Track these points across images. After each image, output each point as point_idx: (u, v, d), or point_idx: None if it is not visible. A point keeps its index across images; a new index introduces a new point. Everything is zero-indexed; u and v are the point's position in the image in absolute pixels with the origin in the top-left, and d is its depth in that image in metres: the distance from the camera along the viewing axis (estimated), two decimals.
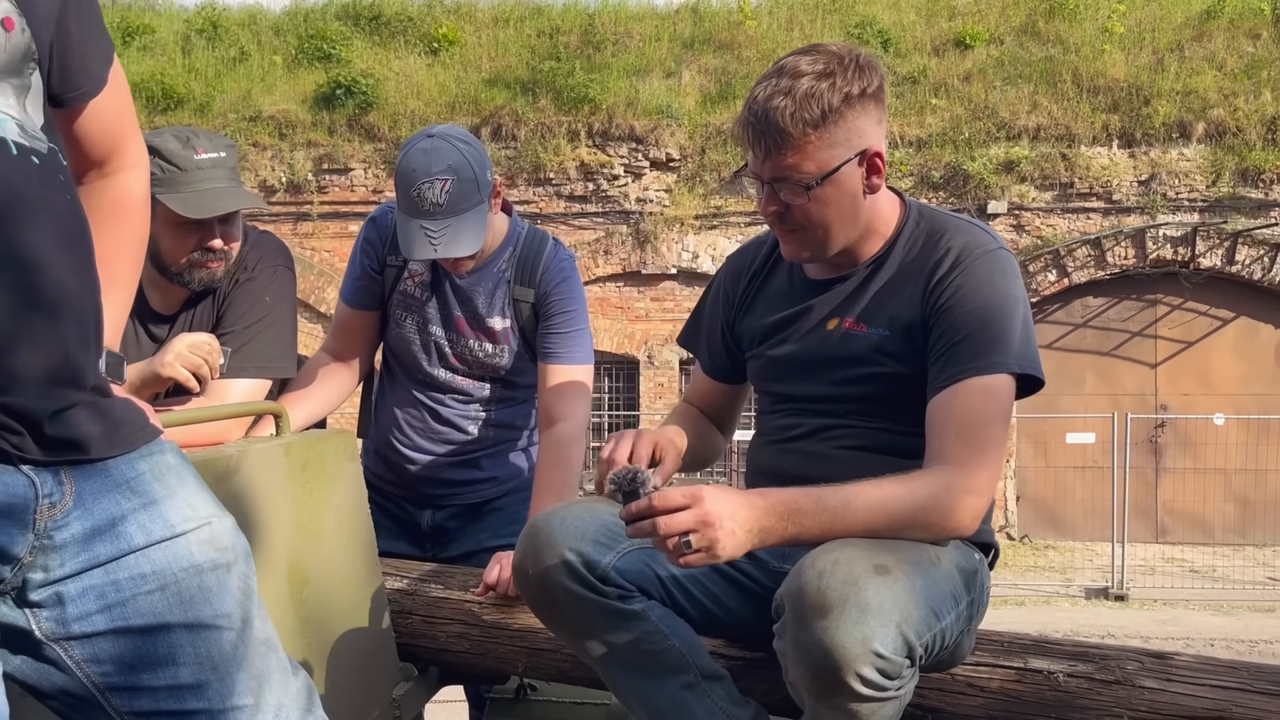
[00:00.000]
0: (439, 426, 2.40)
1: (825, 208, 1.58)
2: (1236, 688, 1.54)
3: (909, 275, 1.64)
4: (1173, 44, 12.94)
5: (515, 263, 2.33)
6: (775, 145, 1.54)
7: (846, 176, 1.58)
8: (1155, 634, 8.62)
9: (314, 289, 12.61)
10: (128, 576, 1.11)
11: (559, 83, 12.82)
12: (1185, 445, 12.33)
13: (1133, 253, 12.13)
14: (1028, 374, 1.56)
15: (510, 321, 2.34)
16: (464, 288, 2.32)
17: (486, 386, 2.40)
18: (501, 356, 2.35)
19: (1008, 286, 1.58)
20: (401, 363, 2.43)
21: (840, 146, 1.55)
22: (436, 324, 2.36)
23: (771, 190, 1.58)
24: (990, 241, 1.62)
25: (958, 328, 1.55)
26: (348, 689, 1.86)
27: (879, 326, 1.64)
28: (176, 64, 13.72)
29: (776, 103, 1.52)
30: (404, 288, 2.36)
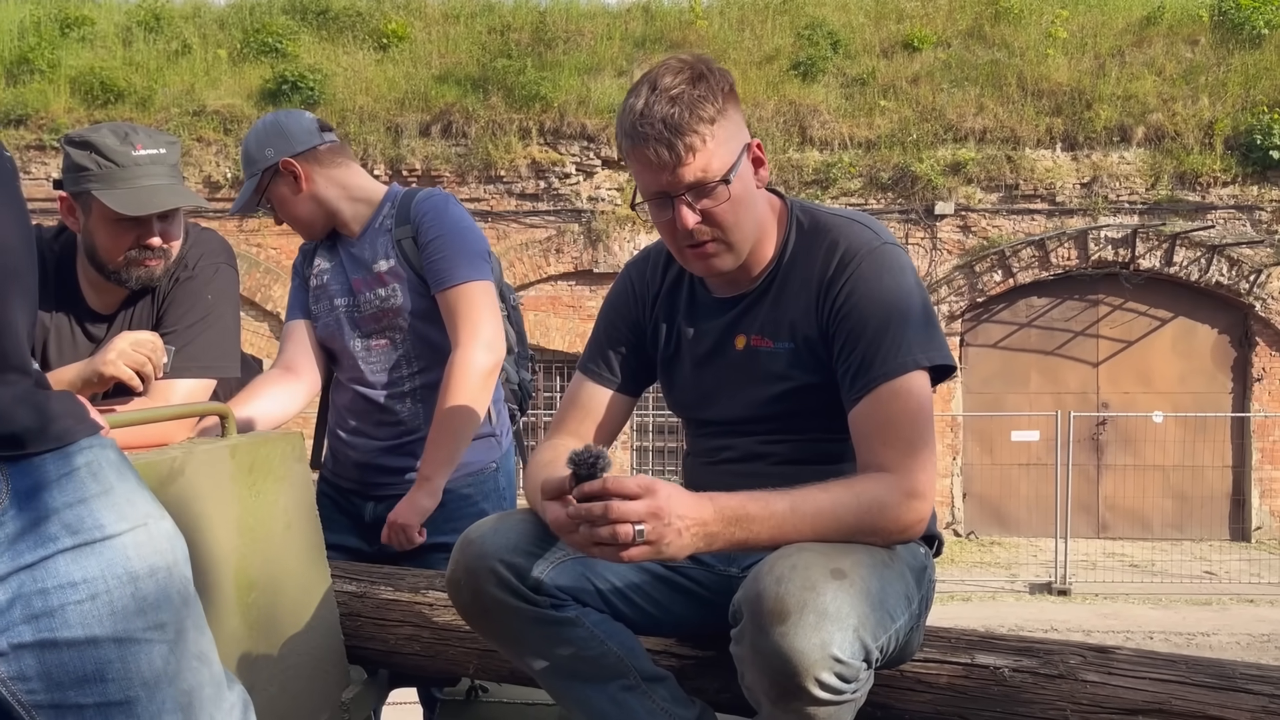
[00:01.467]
0: (368, 409, 2.44)
1: (740, 207, 1.57)
2: (1175, 680, 1.57)
3: (801, 283, 1.63)
4: (1114, 49, 13.20)
5: (394, 214, 2.43)
6: (685, 151, 1.51)
7: (746, 172, 1.59)
8: (1097, 627, 8.79)
9: (260, 286, 12.43)
10: (56, 585, 1.06)
11: (510, 80, 12.75)
12: (1125, 443, 12.60)
13: (1075, 254, 12.37)
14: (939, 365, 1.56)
15: (394, 261, 2.39)
16: (355, 253, 2.45)
17: (397, 342, 2.41)
18: (395, 296, 2.39)
19: (898, 282, 1.56)
20: (331, 354, 2.51)
21: (733, 141, 1.56)
22: (338, 296, 2.46)
23: (686, 203, 1.54)
24: (873, 239, 1.61)
25: (858, 335, 1.54)
26: (296, 693, 1.84)
27: (783, 340, 1.64)
28: (117, 57, 13.43)
29: (671, 112, 1.50)
30: (314, 284, 2.51)
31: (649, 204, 1.58)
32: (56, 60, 13.16)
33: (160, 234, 2.02)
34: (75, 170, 1.95)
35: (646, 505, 1.33)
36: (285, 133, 2.37)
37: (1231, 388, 12.61)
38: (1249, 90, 12.44)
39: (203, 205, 2.27)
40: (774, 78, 13.06)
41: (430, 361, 2.42)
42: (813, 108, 12.78)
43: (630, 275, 1.85)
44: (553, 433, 1.80)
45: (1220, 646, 8.27)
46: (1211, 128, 12.27)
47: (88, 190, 1.94)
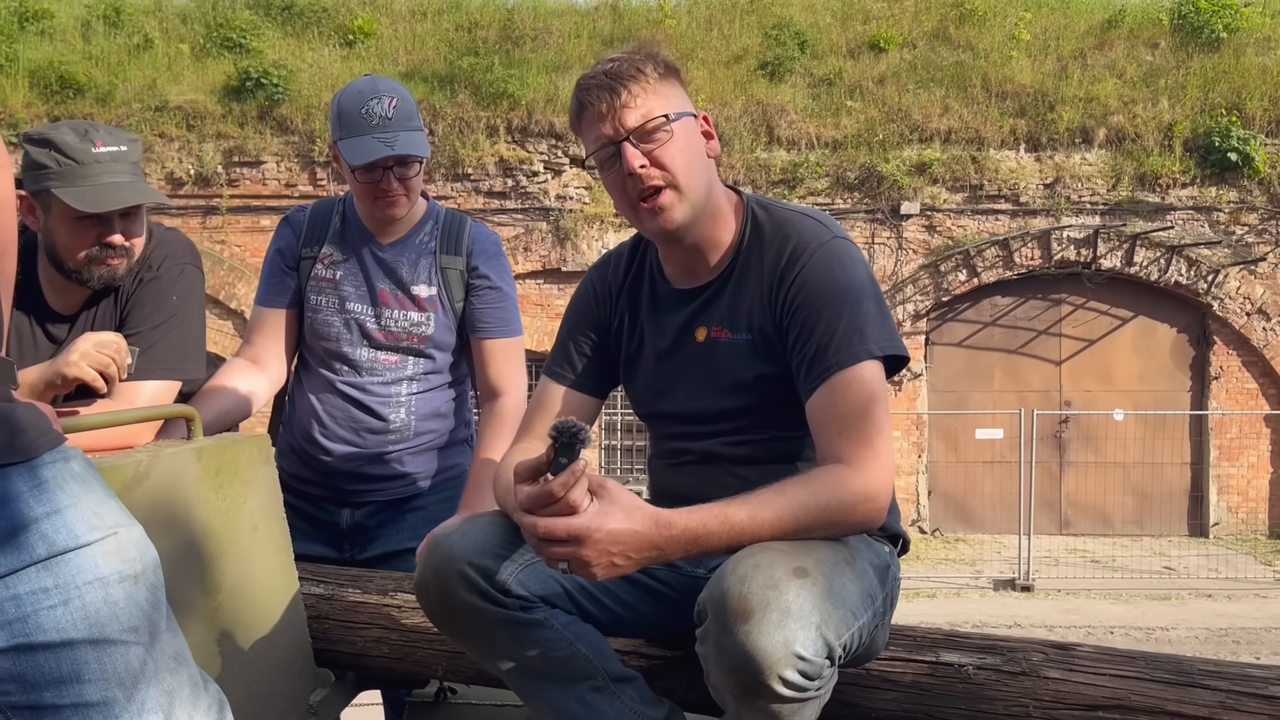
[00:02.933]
0: (359, 414, 2.36)
1: (688, 151, 1.62)
2: (1134, 676, 1.60)
3: (757, 276, 1.66)
4: (1076, 52, 13.38)
5: (439, 234, 2.37)
6: (628, 95, 1.59)
7: (691, 128, 1.65)
8: (1059, 623, 8.91)
9: (224, 284, 12.30)
10: (28, 591, 1.06)
11: (477, 78, 12.71)
12: (1087, 440, 12.79)
13: (1038, 254, 12.52)
14: (891, 354, 1.58)
15: (437, 289, 2.35)
16: (387, 260, 2.35)
17: (409, 363, 2.37)
18: (427, 325, 2.35)
19: (849, 274, 1.60)
20: (320, 350, 2.39)
21: (678, 100, 1.64)
22: (355, 300, 2.35)
23: (629, 146, 1.59)
24: (825, 232, 1.64)
25: (811, 326, 1.57)
26: (264, 696, 1.83)
27: (742, 331, 1.67)
28: (76, 50, 13.23)
29: (616, 65, 1.61)
30: (317, 272, 2.36)
31: (599, 163, 1.64)
32: (14, 54, 12.95)
33: (122, 232, 1.98)
34: (35, 168, 1.92)
35: (578, 535, 1.35)
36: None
37: (1190, 386, 12.83)
38: (1207, 93, 12.65)
39: (164, 203, 2.22)
40: (741, 77, 13.11)
41: (430, 383, 2.40)
42: (780, 107, 12.84)
43: (592, 278, 1.87)
44: (519, 437, 1.80)
45: (1179, 641, 8.41)
46: (1171, 130, 12.48)
47: (47, 188, 1.91)
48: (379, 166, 2.21)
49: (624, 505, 1.38)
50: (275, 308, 2.39)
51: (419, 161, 2.27)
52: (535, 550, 1.40)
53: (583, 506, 1.35)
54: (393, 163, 2.21)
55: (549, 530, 1.34)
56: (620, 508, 1.37)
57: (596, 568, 1.36)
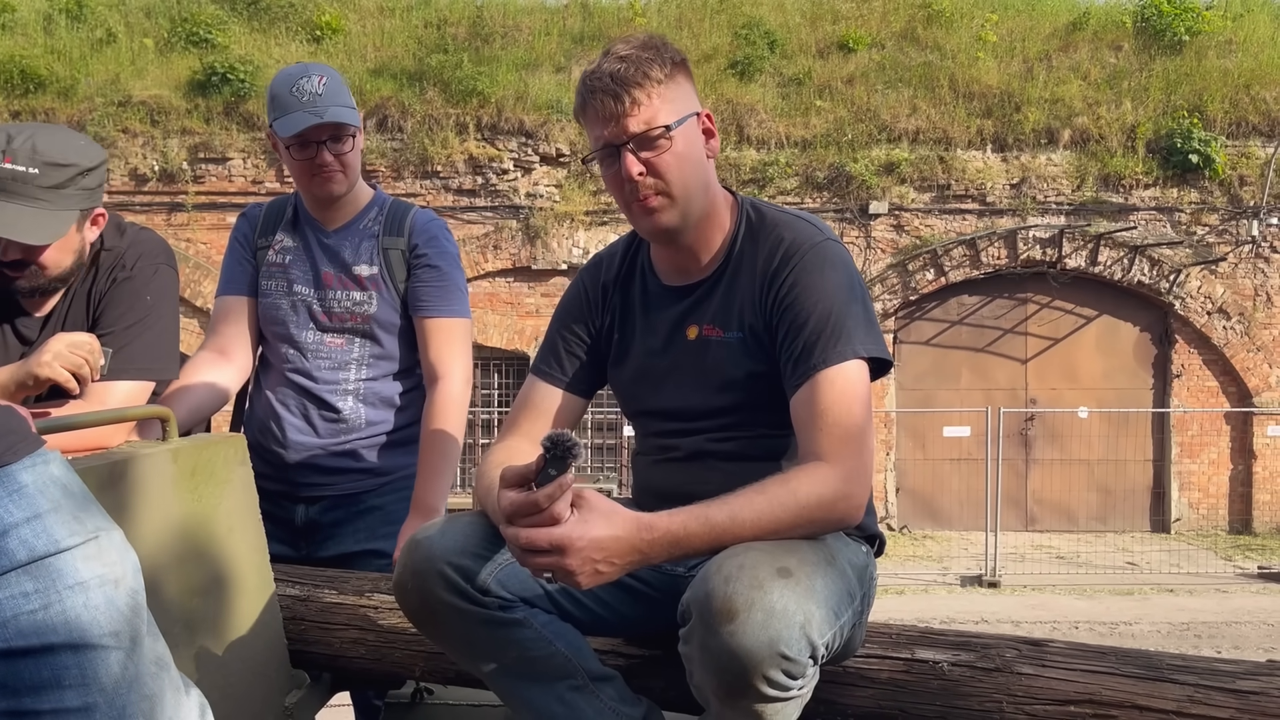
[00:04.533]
0: (311, 405, 2.38)
1: (684, 162, 1.63)
2: (1105, 671, 1.63)
3: (749, 275, 1.68)
4: (1041, 54, 13.53)
5: (383, 220, 2.42)
6: (631, 102, 1.60)
7: (692, 131, 1.65)
8: (1025, 618, 9.01)
9: (190, 282, 12.17)
10: (8, 595, 1.05)
11: (447, 74, 12.65)
12: (1052, 437, 12.94)
13: (1005, 253, 12.66)
14: (875, 357, 1.60)
15: (378, 269, 2.38)
16: (331, 245, 2.40)
17: (355, 345, 2.40)
18: (370, 304, 2.38)
19: (839, 276, 1.62)
20: (272, 337, 2.42)
21: (682, 102, 1.64)
22: (301, 284, 2.40)
23: (631, 153, 1.61)
24: (816, 234, 1.66)
25: (799, 325, 1.59)
26: (240, 698, 1.81)
27: (733, 330, 1.68)
28: (38, 44, 13.03)
29: (619, 68, 1.60)
30: (268, 259, 2.42)
31: (599, 160, 1.66)
32: None
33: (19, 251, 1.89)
34: None
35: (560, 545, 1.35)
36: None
37: (1152, 384, 13.02)
38: (1170, 95, 12.84)
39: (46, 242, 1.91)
40: (711, 76, 13.13)
41: (379, 369, 2.42)
42: (750, 107, 12.89)
43: (583, 278, 1.88)
44: (505, 434, 1.80)
45: (1142, 635, 8.54)
46: (1134, 131, 12.66)
47: None
48: (311, 141, 2.26)
49: (604, 511, 1.38)
50: (236, 294, 2.43)
51: (351, 136, 2.31)
52: (519, 560, 1.40)
53: (564, 517, 1.35)
54: (326, 136, 2.26)
55: (531, 540, 1.34)
56: (600, 514, 1.37)
57: (581, 576, 1.37)
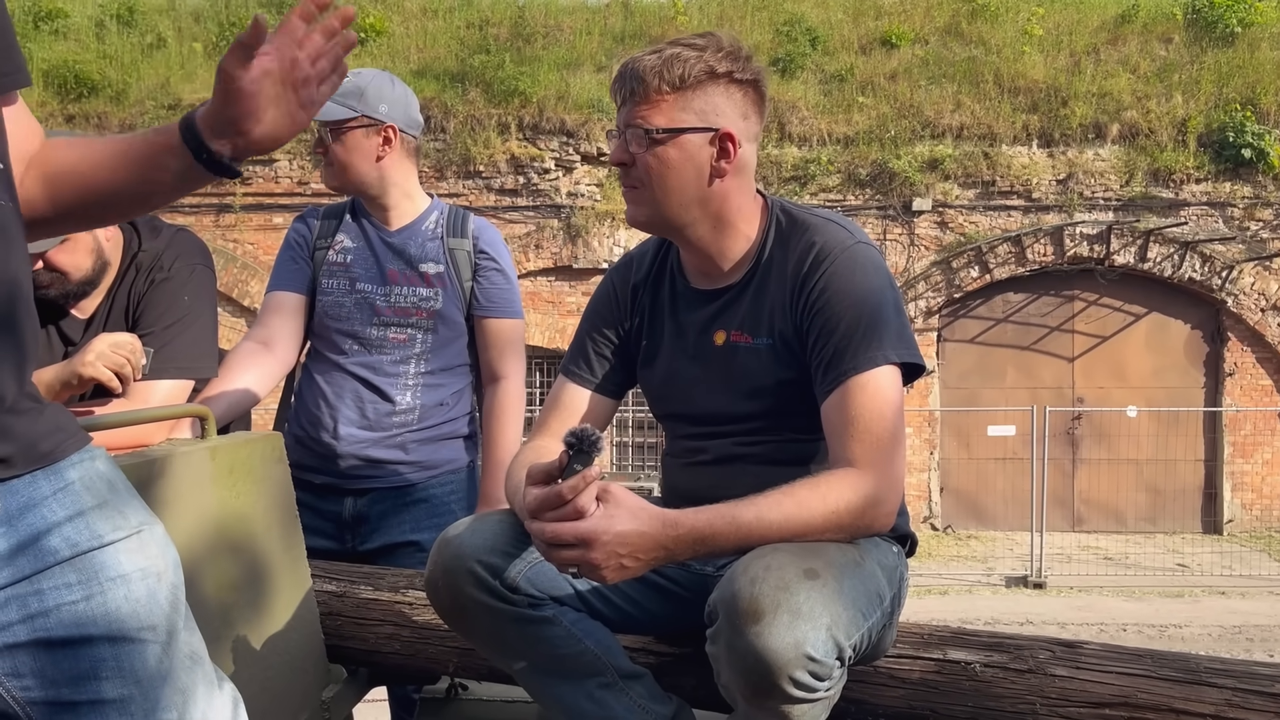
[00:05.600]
0: (367, 394, 2.42)
1: (666, 169, 1.60)
2: (1141, 674, 1.61)
3: (779, 280, 1.66)
4: (1089, 47, 13.32)
5: (444, 222, 2.50)
6: (631, 94, 1.60)
7: (692, 146, 1.60)
8: (1071, 620, 8.89)
9: (237, 282, 12.36)
10: (51, 586, 1.08)
11: (489, 75, 12.73)
12: (1100, 437, 12.74)
13: (1051, 250, 12.48)
14: (908, 362, 1.58)
15: (444, 267, 2.45)
16: (395, 243, 2.47)
17: (417, 340, 2.44)
18: (435, 300, 2.44)
19: (871, 280, 1.60)
20: (331, 334, 2.46)
21: (692, 114, 1.60)
22: (365, 281, 2.45)
23: (622, 140, 1.62)
24: (848, 238, 1.64)
25: (830, 330, 1.57)
26: (277, 692, 1.85)
27: (762, 335, 1.67)
28: (90, 50, 13.30)
29: (645, 59, 1.60)
30: (330, 258, 2.47)
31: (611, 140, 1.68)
32: (29, 53, 13.00)
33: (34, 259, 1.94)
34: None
35: (585, 538, 1.36)
36: (408, 106, 2.43)
37: (1204, 382, 12.77)
38: (1221, 88, 12.58)
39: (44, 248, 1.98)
40: None
41: (435, 364, 2.47)
42: (791, 104, 12.83)
43: (612, 278, 1.88)
44: (534, 434, 1.81)
45: (1192, 638, 8.39)
46: (1185, 125, 12.41)
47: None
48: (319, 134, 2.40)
49: (630, 507, 1.39)
50: (287, 291, 2.48)
51: (345, 132, 2.37)
52: (544, 555, 1.41)
53: (590, 511, 1.36)
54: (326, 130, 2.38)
55: (556, 534, 1.36)
56: (626, 510, 1.38)
57: (606, 570, 1.37)
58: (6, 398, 1.07)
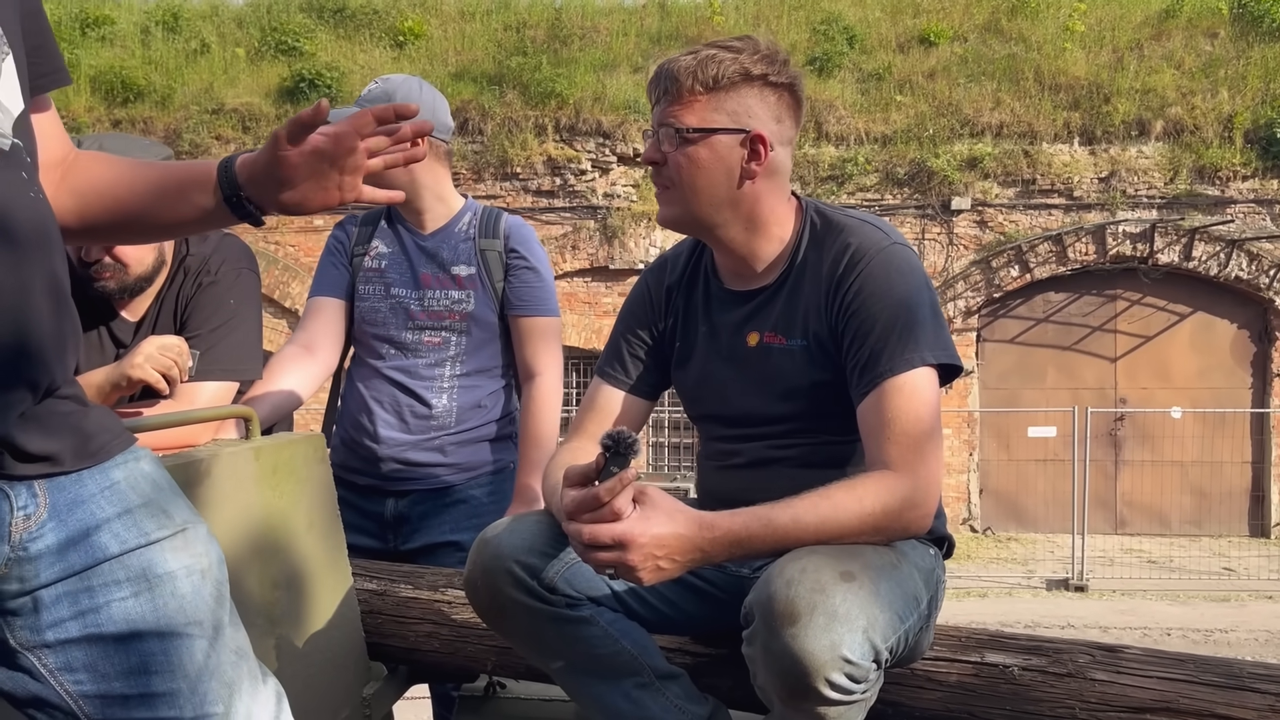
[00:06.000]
0: (405, 399, 2.45)
1: (696, 169, 1.61)
2: (1183, 679, 1.59)
3: (813, 281, 1.66)
4: (1132, 43, 13.13)
5: (477, 223, 2.51)
6: (665, 93, 1.62)
7: (723, 147, 1.61)
8: (1114, 624, 8.77)
9: (279, 284, 12.52)
10: (101, 583, 1.11)
11: (526, 77, 12.79)
12: (1144, 438, 12.55)
13: (1093, 249, 12.32)
14: (945, 363, 1.57)
15: (476, 269, 2.47)
16: (428, 247, 2.49)
17: (451, 343, 2.47)
18: (468, 302, 2.46)
19: (906, 282, 1.59)
20: (369, 339, 2.50)
21: (724, 115, 1.61)
22: (399, 286, 2.48)
23: (655, 139, 1.63)
24: (883, 239, 1.63)
25: (866, 332, 1.57)
26: (318, 689, 1.88)
27: (796, 337, 1.66)
28: (136, 56, 13.55)
29: (681, 59, 1.61)
30: (367, 264, 2.50)
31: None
32: (76, 60, 13.28)
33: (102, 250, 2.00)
34: None
35: (622, 540, 1.37)
36: (435, 110, 2.44)
37: (1251, 383, 12.54)
38: (1269, 83, 12.35)
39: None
40: None
41: (471, 366, 2.49)
42: (828, 103, 12.77)
43: (647, 280, 1.88)
44: (570, 436, 1.83)
45: (1238, 643, 8.24)
46: (1231, 121, 12.20)
47: None
48: None
49: (666, 509, 1.39)
50: (328, 296, 2.51)
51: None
52: (581, 557, 1.42)
53: (626, 513, 1.37)
54: None
55: (594, 536, 1.37)
56: (663, 512, 1.39)
57: (642, 572, 1.38)
58: (52, 398, 1.10)
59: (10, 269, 1.03)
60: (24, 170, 1.09)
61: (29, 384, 1.06)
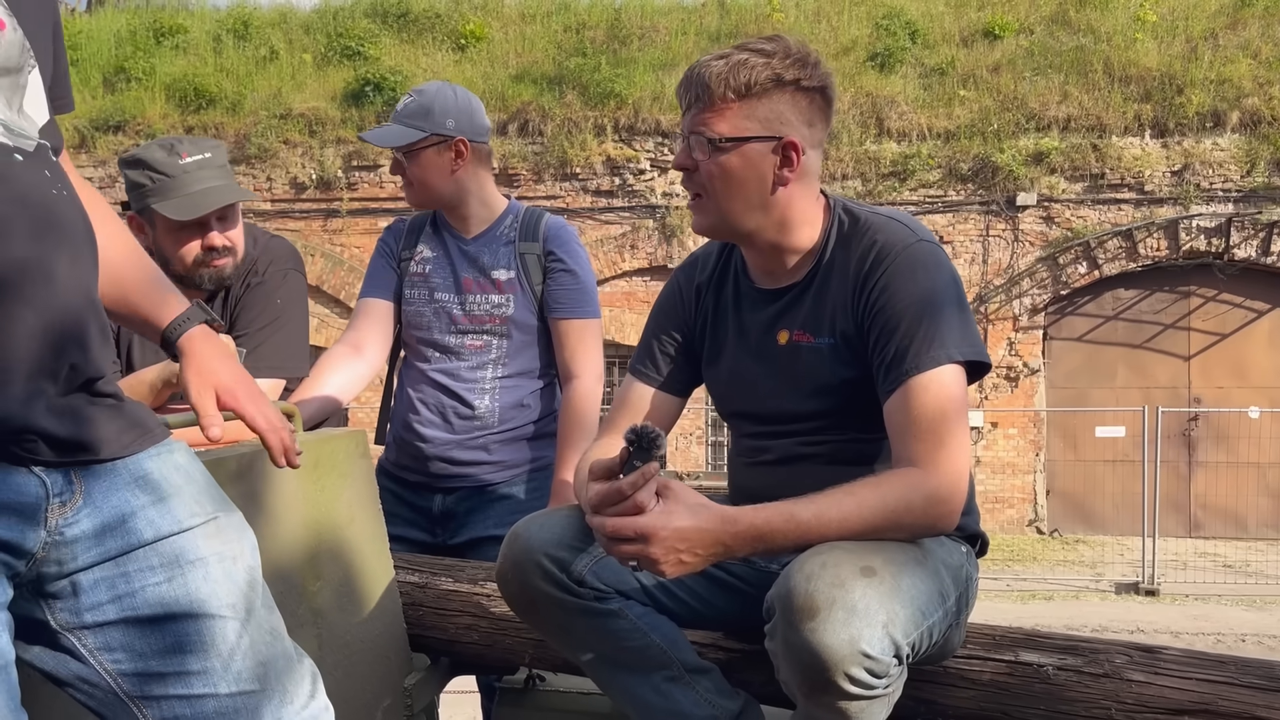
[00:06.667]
0: (449, 401, 2.50)
1: (728, 176, 1.61)
2: (1223, 681, 1.56)
3: (840, 279, 1.65)
4: (1206, 32, 12.77)
5: (519, 226, 2.54)
6: (696, 100, 1.60)
7: (755, 154, 1.60)
8: (1185, 629, 8.55)
9: (344, 284, 12.76)
10: (137, 569, 1.17)
11: (585, 78, 12.87)
12: (1219, 439, 12.19)
13: (1165, 244, 12.01)
14: (972, 360, 1.56)
15: (515, 272, 2.50)
16: (470, 251, 2.52)
17: (493, 346, 2.51)
18: (508, 306, 2.50)
19: (932, 278, 1.58)
20: (415, 342, 2.56)
21: (756, 123, 1.59)
22: (442, 290, 2.52)
23: (686, 146, 1.62)
24: (909, 235, 1.62)
25: (892, 329, 1.56)
26: (361, 678, 1.92)
27: (824, 335, 1.66)
28: (209, 63, 13.92)
29: (711, 64, 1.59)
30: (412, 269, 2.56)
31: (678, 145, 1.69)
32: (152, 68, 13.70)
33: (219, 231, 2.12)
34: (134, 189, 2.08)
35: (644, 533, 1.38)
36: (473, 115, 2.48)
37: None
38: None
39: (251, 197, 2.33)
40: (850, 69, 12.93)
41: (513, 368, 2.53)
42: (890, 99, 12.63)
43: (678, 278, 1.90)
44: (603, 432, 1.85)
45: None
46: None
47: (148, 205, 2.06)
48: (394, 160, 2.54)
49: (688, 503, 1.41)
50: (377, 298, 2.57)
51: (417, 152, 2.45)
52: (605, 549, 1.45)
53: (649, 507, 1.39)
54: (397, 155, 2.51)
55: (617, 529, 1.39)
56: (685, 505, 1.40)
57: (665, 565, 1.40)
58: (87, 392, 1.16)
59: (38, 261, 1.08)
60: (48, 169, 1.15)
61: (69, 377, 1.12)
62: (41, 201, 1.11)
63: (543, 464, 2.58)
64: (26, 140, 1.12)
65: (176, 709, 1.19)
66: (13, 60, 1.11)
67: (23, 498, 1.09)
